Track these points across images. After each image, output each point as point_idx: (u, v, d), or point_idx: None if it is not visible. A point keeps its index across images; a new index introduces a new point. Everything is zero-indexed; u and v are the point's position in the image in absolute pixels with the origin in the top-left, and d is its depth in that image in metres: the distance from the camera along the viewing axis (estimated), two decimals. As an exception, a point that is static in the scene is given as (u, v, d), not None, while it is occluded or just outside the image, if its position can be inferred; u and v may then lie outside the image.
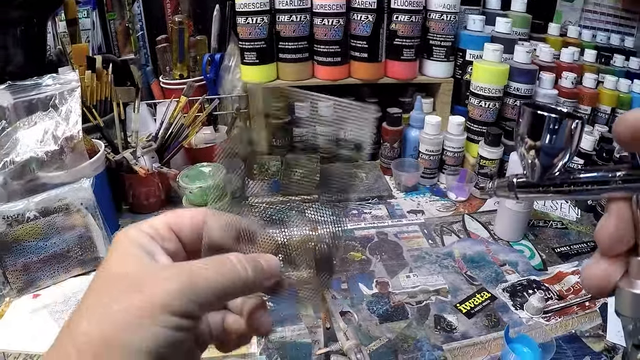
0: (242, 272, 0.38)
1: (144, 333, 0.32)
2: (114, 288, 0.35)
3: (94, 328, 0.33)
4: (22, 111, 0.99)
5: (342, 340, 0.56)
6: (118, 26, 1.54)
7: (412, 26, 1.22)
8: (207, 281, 0.36)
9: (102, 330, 0.32)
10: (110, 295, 0.34)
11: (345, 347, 0.56)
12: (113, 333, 0.32)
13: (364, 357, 0.55)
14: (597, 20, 1.70)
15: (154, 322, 0.33)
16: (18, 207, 0.88)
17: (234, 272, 0.38)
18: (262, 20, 1.19)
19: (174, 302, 0.34)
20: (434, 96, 1.36)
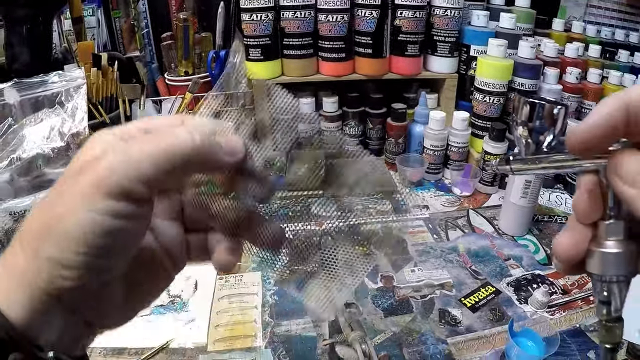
0: (187, 138, 0.33)
1: (81, 220, 0.30)
2: (60, 180, 0.32)
3: (35, 219, 0.31)
4: (29, 108, 1.00)
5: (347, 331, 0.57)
6: (123, 24, 1.55)
7: (416, 22, 1.22)
8: (146, 153, 0.31)
9: (41, 221, 0.31)
10: (55, 187, 0.32)
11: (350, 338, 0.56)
12: (50, 221, 0.30)
13: (369, 347, 0.56)
14: (601, 16, 1.70)
15: (90, 207, 0.30)
16: (25, 203, 0.88)
17: (177, 139, 0.32)
18: (266, 16, 1.20)
19: (111, 183, 0.30)
20: (438, 92, 1.36)
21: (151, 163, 0.31)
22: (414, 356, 0.75)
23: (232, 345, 0.78)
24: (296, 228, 0.46)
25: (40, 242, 0.30)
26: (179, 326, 0.81)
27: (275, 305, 0.85)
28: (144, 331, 0.80)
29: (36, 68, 1.11)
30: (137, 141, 0.32)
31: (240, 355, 0.76)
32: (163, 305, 0.86)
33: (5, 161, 0.91)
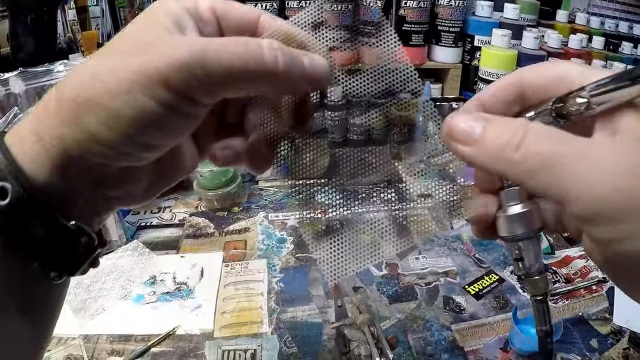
0: (267, 58, 0.31)
1: (129, 101, 0.29)
2: (117, 48, 0.31)
3: (80, 84, 0.30)
4: (34, 97, 1.00)
5: (355, 314, 0.57)
6: (127, 13, 1.55)
7: (421, 12, 1.23)
8: (220, 59, 0.29)
9: (88, 89, 0.29)
10: (110, 56, 0.31)
11: (359, 320, 0.57)
12: (100, 93, 0.29)
13: (377, 330, 0.56)
14: (605, 8, 1.70)
15: (145, 93, 0.29)
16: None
17: (256, 54, 0.31)
18: (271, 6, 1.20)
19: (173, 74, 0.29)
20: (442, 82, 1.37)
21: (223, 74, 0.30)
22: (419, 342, 0.76)
23: (238, 331, 0.78)
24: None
25: (84, 111, 0.29)
26: (186, 313, 0.82)
27: (281, 292, 0.86)
28: (151, 318, 0.81)
29: (41, 57, 1.11)
30: (219, 45, 0.30)
31: (247, 342, 0.77)
32: (169, 293, 0.86)
33: (11, 150, 0.91)
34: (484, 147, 0.31)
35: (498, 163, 0.30)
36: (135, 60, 0.29)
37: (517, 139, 0.29)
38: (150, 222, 1.07)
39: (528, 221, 0.36)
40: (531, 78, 0.34)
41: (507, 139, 0.29)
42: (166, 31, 0.31)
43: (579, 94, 0.30)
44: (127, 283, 0.89)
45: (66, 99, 0.30)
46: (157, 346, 0.76)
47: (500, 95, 0.36)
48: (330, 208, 0.47)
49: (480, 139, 0.31)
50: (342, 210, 0.45)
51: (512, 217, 0.37)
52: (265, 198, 1.14)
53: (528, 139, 0.29)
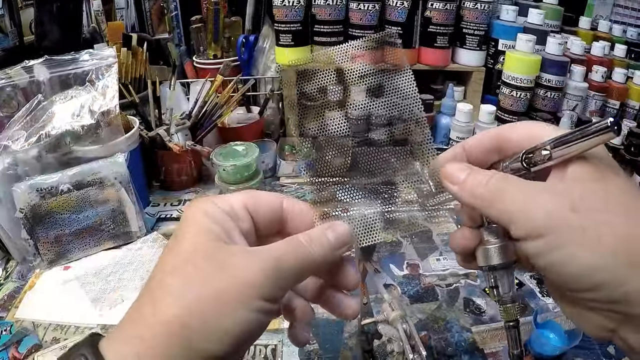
0: (315, 256, 0.39)
1: (236, 317, 0.34)
2: (198, 270, 0.35)
3: (176, 311, 0.33)
4: (58, 85, 1.01)
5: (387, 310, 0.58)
6: (152, 5, 1.55)
7: (447, 14, 1.23)
8: (289, 266, 0.37)
9: (196, 314, 0.33)
10: (195, 277, 0.35)
11: (391, 317, 0.57)
12: (201, 316, 0.33)
13: (410, 326, 0.56)
14: (627, 16, 1.69)
15: (247, 307, 0.34)
16: (52, 179, 0.90)
17: (306, 254, 0.39)
18: (298, 2, 1.20)
19: (264, 287, 0.35)
20: (465, 84, 1.37)
21: (294, 278, 0.38)
22: (440, 343, 0.76)
23: (259, 326, 0.78)
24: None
25: (195, 334, 0.33)
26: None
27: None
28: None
29: (66, 46, 1.11)
30: (284, 254, 0.38)
31: (268, 337, 0.77)
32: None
33: (34, 137, 0.91)
34: (464, 186, 0.40)
35: (472, 197, 0.40)
36: (228, 281, 0.35)
37: (484, 181, 0.39)
38: (170, 215, 1.08)
39: (503, 254, 0.41)
40: (509, 134, 0.43)
41: (479, 181, 0.39)
42: (224, 244, 0.37)
43: (544, 147, 0.38)
44: (146, 274, 0.89)
45: (175, 323, 0.33)
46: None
47: (482, 145, 0.44)
48: (351, 205, 0.48)
49: (463, 182, 0.41)
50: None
51: (489, 249, 0.42)
52: (287, 193, 1.14)
53: (491, 181, 0.39)
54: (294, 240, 0.39)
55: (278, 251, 0.37)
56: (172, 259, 0.36)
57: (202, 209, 0.38)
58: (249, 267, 0.35)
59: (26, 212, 0.87)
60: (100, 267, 0.92)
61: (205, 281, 0.34)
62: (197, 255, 0.36)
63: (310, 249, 0.39)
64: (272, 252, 0.37)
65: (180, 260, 0.36)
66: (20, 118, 0.93)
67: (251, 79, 1.30)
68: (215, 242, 0.37)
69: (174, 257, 0.36)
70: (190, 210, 0.39)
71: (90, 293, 0.86)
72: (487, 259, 0.42)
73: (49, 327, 0.79)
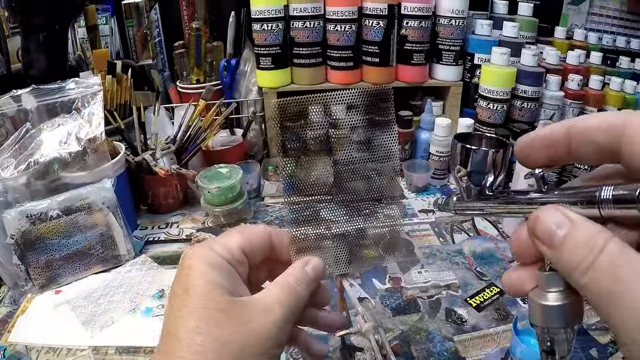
0: (303, 294, 0.45)
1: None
2: (221, 327, 0.39)
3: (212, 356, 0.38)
4: (45, 114, 1.03)
5: (361, 322, 0.59)
6: (136, 32, 1.58)
7: (422, 31, 1.26)
8: (291, 310, 0.43)
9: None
10: (220, 335, 0.39)
11: (364, 329, 0.59)
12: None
13: (381, 337, 0.58)
14: (602, 23, 1.72)
15: (267, 357, 0.40)
16: (42, 205, 0.91)
17: (298, 294, 0.44)
18: (277, 26, 1.23)
19: (278, 337, 0.41)
20: (443, 99, 1.39)
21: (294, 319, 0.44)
22: (422, 353, 0.78)
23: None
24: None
25: None
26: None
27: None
28: (159, 330, 0.83)
29: (52, 75, 1.14)
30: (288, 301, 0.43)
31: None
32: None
33: (23, 164, 0.93)
34: (560, 256, 0.31)
35: (568, 277, 0.30)
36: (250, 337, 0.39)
37: (587, 262, 0.29)
38: (157, 237, 1.10)
39: (566, 315, 0.32)
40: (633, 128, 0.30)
41: (581, 258, 0.29)
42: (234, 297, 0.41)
43: None
44: (135, 296, 0.91)
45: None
46: (166, 357, 0.77)
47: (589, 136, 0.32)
48: (334, 224, 0.50)
49: (559, 247, 0.31)
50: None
51: (548, 307, 0.32)
52: (271, 214, 1.17)
53: (598, 264, 0.28)
54: (286, 285, 0.44)
55: (280, 300, 0.42)
56: (190, 316, 0.39)
57: (205, 261, 0.42)
58: (264, 323, 0.40)
59: (17, 238, 0.89)
60: (91, 290, 0.93)
61: (229, 338, 0.38)
62: (216, 312, 0.39)
63: (299, 289, 0.44)
64: (276, 302, 0.42)
65: (200, 318, 0.39)
66: (9, 146, 0.95)
67: (234, 102, 1.32)
68: (227, 297, 0.40)
69: (191, 313, 0.39)
70: (193, 260, 0.42)
71: (81, 316, 0.86)
72: (545, 319, 0.33)
73: (42, 350, 0.80)
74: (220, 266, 0.42)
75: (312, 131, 0.49)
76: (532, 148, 0.35)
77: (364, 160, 0.50)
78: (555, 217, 0.31)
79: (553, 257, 0.31)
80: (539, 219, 0.32)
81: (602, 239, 0.28)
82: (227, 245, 0.44)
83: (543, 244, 0.32)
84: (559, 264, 0.31)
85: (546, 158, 0.35)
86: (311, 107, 0.48)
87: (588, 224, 0.30)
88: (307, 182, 0.49)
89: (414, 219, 1.15)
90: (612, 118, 0.30)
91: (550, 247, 0.31)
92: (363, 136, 0.50)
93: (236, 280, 0.43)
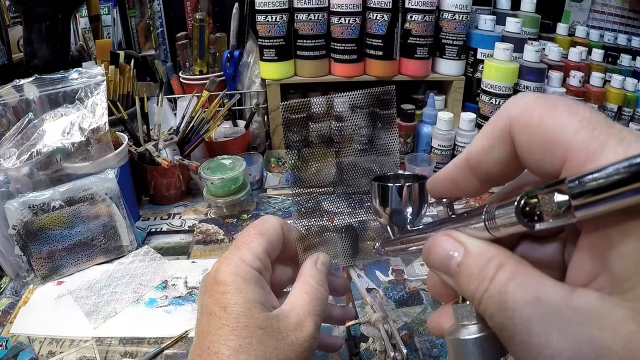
0: (325, 294, 0.47)
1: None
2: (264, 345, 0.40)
3: None
4: (48, 104, 1.03)
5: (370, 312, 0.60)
6: (139, 23, 1.57)
7: (426, 25, 1.26)
8: (319, 316, 0.44)
9: None
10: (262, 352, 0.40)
11: (373, 318, 0.60)
12: None
13: (391, 327, 0.59)
14: (604, 21, 1.72)
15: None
16: (44, 196, 0.91)
17: (321, 294, 0.46)
18: (281, 18, 1.23)
19: (314, 345, 0.43)
20: (445, 93, 1.39)
21: (322, 319, 0.45)
22: (425, 345, 0.78)
23: (249, 334, 0.80)
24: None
25: None
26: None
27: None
28: (163, 321, 0.83)
29: (54, 64, 1.13)
30: (313, 308, 0.44)
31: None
32: (181, 297, 0.88)
33: (25, 155, 0.93)
34: (459, 286, 0.29)
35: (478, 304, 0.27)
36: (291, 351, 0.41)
37: (479, 293, 0.27)
38: (160, 228, 1.10)
39: (484, 350, 0.28)
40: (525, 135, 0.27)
41: (475, 288, 0.27)
42: (269, 311, 0.42)
43: (559, 188, 0.23)
44: (139, 287, 0.91)
45: None
46: (169, 348, 0.77)
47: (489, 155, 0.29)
48: (336, 215, 0.51)
49: (455, 276, 0.29)
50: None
51: (460, 342, 0.29)
52: (274, 205, 1.17)
53: (489, 294, 0.26)
54: (310, 290, 0.45)
55: (310, 310, 0.44)
56: (232, 335, 0.40)
57: (240, 276, 0.42)
58: (301, 336, 0.42)
59: (19, 229, 0.89)
60: (93, 281, 0.93)
61: (272, 355, 0.40)
62: (257, 330, 0.40)
63: (321, 290, 0.46)
64: (307, 314, 0.43)
65: (242, 338, 0.40)
66: (12, 136, 0.95)
67: (237, 94, 1.32)
68: (265, 313, 0.41)
69: (233, 332, 0.40)
70: (227, 276, 0.42)
71: (84, 307, 0.86)
72: (463, 356, 0.29)
73: (45, 342, 0.80)
74: (254, 280, 0.43)
75: (316, 131, 0.50)
76: (440, 184, 0.34)
77: (366, 155, 0.51)
78: (447, 244, 0.29)
79: (453, 285, 0.29)
80: (431, 247, 0.31)
81: (494, 266, 0.26)
82: (255, 253, 0.45)
83: (440, 272, 0.30)
84: (460, 292, 0.29)
85: (457, 191, 0.33)
86: (315, 107, 0.49)
87: (482, 248, 0.28)
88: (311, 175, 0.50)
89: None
90: (498, 126, 0.28)
91: (448, 275, 0.29)
92: (365, 134, 0.51)
93: (267, 290, 0.44)
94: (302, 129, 0.49)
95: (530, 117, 0.26)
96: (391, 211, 0.42)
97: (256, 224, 0.48)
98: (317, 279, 0.47)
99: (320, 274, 0.47)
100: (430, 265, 0.31)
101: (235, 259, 0.43)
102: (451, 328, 0.31)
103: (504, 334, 0.25)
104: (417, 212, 0.41)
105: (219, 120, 1.22)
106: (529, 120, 0.26)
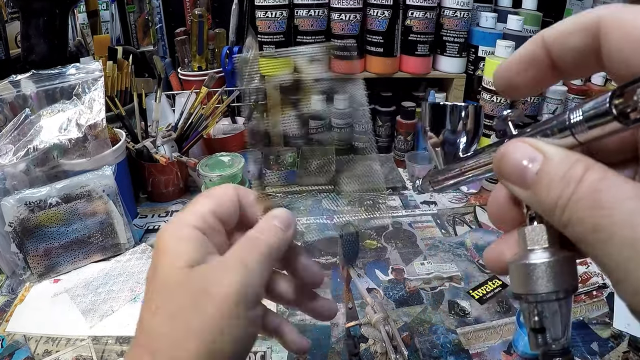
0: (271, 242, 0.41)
1: (235, 337, 0.36)
2: (172, 301, 0.36)
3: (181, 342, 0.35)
4: (45, 100, 1.02)
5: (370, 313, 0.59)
6: (137, 18, 1.57)
7: (427, 22, 1.25)
8: (256, 262, 0.39)
9: (192, 344, 0.35)
10: (172, 311, 0.36)
11: (374, 319, 0.59)
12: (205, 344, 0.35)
13: (392, 328, 0.58)
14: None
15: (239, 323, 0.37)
16: (41, 193, 0.90)
17: (264, 244, 0.40)
18: (281, 14, 1.22)
19: (248, 296, 0.37)
20: (446, 91, 1.39)
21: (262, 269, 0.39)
22: (425, 345, 0.77)
23: (248, 333, 0.79)
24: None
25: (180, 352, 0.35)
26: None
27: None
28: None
29: (52, 60, 1.12)
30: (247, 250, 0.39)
31: (257, 344, 0.78)
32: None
33: (22, 151, 0.92)
34: (536, 196, 0.26)
35: (550, 219, 0.26)
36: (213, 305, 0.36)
37: (566, 196, 0.25)
38: (157, 226, 1.09)
39: (554, 275, 0.26)
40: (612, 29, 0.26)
41: (559, 193, 0.25)
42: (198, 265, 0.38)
43: None
44: (135, 285, 0.90)
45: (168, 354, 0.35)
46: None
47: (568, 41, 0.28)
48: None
49: (533, 185, 0.26)
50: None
51: (530, 267, 0.27)
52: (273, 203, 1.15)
53: (578, 195, 0.24)
54: (250, 238, 0.41)
55: (242, 256, 0.39)
56: (155, 297, 0.37)
57: (175, 235, 0.39)
58: (226, 283, 0.36)
59: (15, 226, 0.88)
60: (90, 279, 0.92)
61: (186, 312, 0.36)
62: (174, 286, 0.37)
63: (265, 239, 0.40)
64: (237, 259, 0.38)
65: (161, 298, 0.37)
66: (8, 132, 0.94)
67: (236, 90, 1.31)
68: (187, 268, 0.37)
69: (154, 294, 0.37)
70: (164, 237, 0.39)
71: (81, 305, 0.86)
72: (530, 282, 0.27)
73: (41, 340, 0.79)
74: (190, 237, 0.39)
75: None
76: (512, 71, 0.31)
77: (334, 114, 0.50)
78: (523, 150, 0.27)
79: (528, 198, 0.27)
80: (504, 155, 0.28)
81: (581, 168, 0.25)
82: (198, 212, 0.41)
83: (514, 184, 0.28)
84: (537, 205, 0.27)
85: (530, 79, 0.30)
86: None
87: (563, 154, 0.26)
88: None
89: (416, 210, 1.15)
90: (585, 18, 0.27)
91: (522, 187, 0.27)
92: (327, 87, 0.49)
93: (209, 249, 0.39)
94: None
95: (624, 15, 0.25)
96: (444, 136, 0.38)
97: (207, 190, 0.45)
98: (261, 228, 0.41)
99: (271, 227, 0.42)
100: (501, 176, 0.28)
101: (175, 221, 0.40)
102: (516, 256, 0.29)
103: (598, 237, 0.23)
104: (470, 140, 0.38)
105: (218, 116, 1.21)
106: (623, 18, 0.25)
